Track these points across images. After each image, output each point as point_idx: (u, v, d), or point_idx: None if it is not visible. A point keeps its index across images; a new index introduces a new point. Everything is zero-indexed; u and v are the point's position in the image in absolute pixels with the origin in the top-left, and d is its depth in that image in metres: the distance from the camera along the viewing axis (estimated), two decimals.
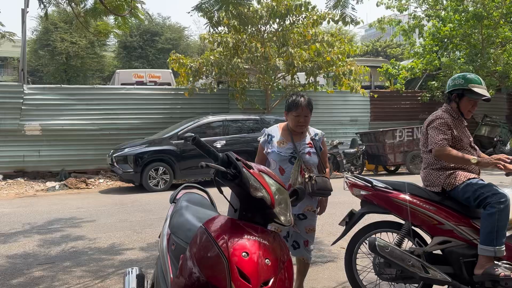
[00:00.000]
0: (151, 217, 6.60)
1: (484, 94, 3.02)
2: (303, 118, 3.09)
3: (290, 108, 3.13)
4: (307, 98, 3.14)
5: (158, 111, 12.08)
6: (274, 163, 3.10)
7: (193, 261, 1.64)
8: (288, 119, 3.18)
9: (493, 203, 2.75)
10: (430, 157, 3.13)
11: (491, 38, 13.84)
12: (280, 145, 3.12)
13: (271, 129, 3.27)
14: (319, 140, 3.23)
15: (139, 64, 25.69)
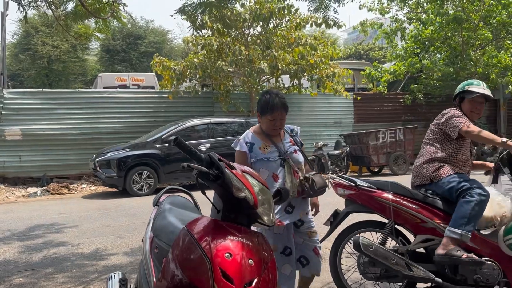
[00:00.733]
0: (135, 221, 6.52)
1: (478, 91, 3.10)
2: (279, 121, 2.81)
3: (264, 111, 2.80)
4: (281, 97, 2.82)
5: (142, 115, 11.97)
6: (264, 171, 2.79)
7: (176, 263, 1.62)
8: (261, 122, 2.87)
9: (474, 193, 2.83)
10: (426, 150, 3.20)
11: (470, 40, 14.10)
12: (264, 150, 2.83)
13: (246, 136, 2.91)
14: (297, 135, 3.02)
15: (122, 68, 25.45)
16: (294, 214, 2.83)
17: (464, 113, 3.16)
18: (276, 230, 2.78)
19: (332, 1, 4.76)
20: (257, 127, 2.97)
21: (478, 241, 2.91)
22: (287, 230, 2.82)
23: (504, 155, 3.10)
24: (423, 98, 14.79)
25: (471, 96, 3.13)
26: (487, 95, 3.13)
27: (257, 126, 2.97)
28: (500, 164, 3.11)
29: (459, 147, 3.12)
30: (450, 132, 3.08)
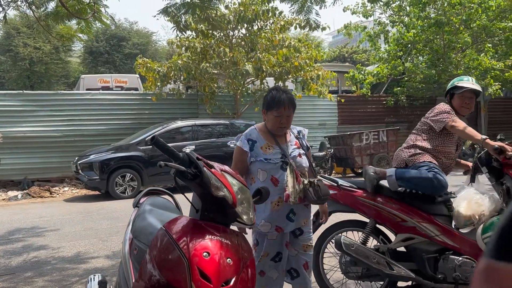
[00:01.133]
0: (117, 224, 6.45)
1: (467, 86, 3.17)
2: (285, 118, 2.61)
3: (270, 107, 2.62)
4: (289, 94, 2.67)
5: (125, 117, 11.86)
6: (263, 173, 2.60)
7: (153, 264, 1.61)
8: (266, 119, 2.69)
9: (437, 174, 2.96)
10: (410, 138, 3.31)
11: (452, 43, 14.34)
12: (266, 150, 2.62)
13: (250, 133, 2.72)
14: (304, 138, 2.82)
15: (105, 70, 25.19)
16: (296, 222, 2.66)
17: (455, 108, 3.23)
18: (270, 237, 2.64)
19: (314, 4, 4.81)
20: (262, 124, 2.78)
21: (458, 240, 2.95)
22: (282, 237, 2.67)
23: (482, 154, 3.15)
24: (405, 100, 14.98)
25: (459, 91, 3.20)
26: (476, 89, 3.19)
27: (262, 124, 2.78)
28: (478, 164, 3.16)
29: (444, 141, 3.19)
30: (436, 126, 3.16)
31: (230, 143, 10.32)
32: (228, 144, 10.33)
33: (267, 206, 2.58)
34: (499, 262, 0.41)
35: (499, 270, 0.40)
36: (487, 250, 0.43)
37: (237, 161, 2.71)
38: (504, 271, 0.40)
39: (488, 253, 0.43)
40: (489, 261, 0.42)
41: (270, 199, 2.51)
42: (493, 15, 14.10)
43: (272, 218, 2.59)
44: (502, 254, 0.41)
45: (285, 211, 2.61)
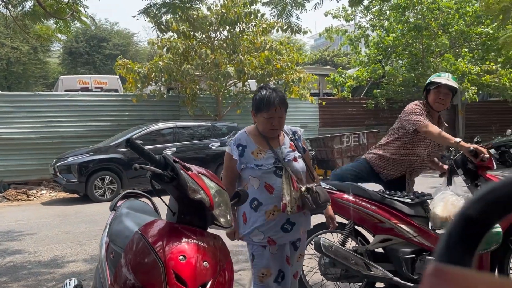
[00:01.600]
0: (96, 228, 6.35)
1: (440, 81, 3.23)
2: (277, 120, 2.38)
3: (259, 108, 2.39)
4: (280, 92, 2.42)
5: (105, 118, 11.69)
6: (256, 180, 2.38)
7: (128, 268, 1.59)
8: (257, 121, 2.46)
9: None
10: (384, 139, 3.45)
11: (430, 47, 14.62)
12: (258, 156, 2.41)
13: (239, 137, 2.49)
14: (300, 139, 2.61)
15: (85, 71, 24.81)
16: (293, 233, 2.43)
17: (430, 104, 3.29)
18: (273, 251, 2.40)
19: (294, 8, 4.84)
20: (253, 127, 2.54)
21: (434, 241, 3.00)
22: (282, 251, 2.43)
23: (458, 157, 3.21)
24: (385, 103, 15.19)
25: (434, 86, 3.26)
26: (450, 86, 3.24)
27: (253, 126, 2.55)
28: (454, 166, 3.22)
29: (415, 140, 3.28)
30: (408, 127, 3.24)
31: (212, 145, 10.30)
32: (210, 146, 10.29)
33: (261, 215, 2.39)
34: (447, 265, 0.42)
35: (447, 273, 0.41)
36: (436, 254, 0.44)
37: (226, 168, 2.52)
38: (452, 274, 0.41)
39: (437, 257, 0.43)
40: (438, 265, 0.42)
41: (264, 208, 2.38)
42: (470, 20, 14.44)
43: (266, 228, 2.38)
44: (450, 257, 0.42)
45: (281, 221, 2.40)
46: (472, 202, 0.44)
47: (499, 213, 0.43)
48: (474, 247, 0.44)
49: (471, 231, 0.44)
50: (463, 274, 0.42)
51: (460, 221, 0.44)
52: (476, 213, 0.44)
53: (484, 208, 0.43)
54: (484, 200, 0.43)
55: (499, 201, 0.43)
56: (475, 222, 0.44)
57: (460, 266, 0.43)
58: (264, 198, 2.38)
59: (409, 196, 3.09)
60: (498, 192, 0.42)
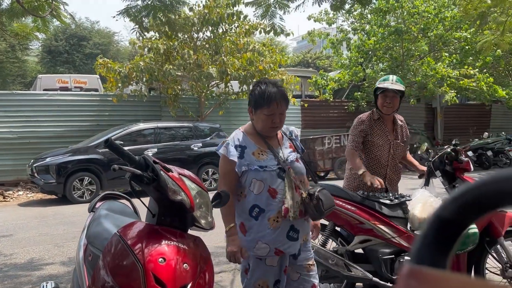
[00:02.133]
0: (74, 229, 6.23)
1: (387, 86, 3.24)
2: (278, 116, 2.20)
3: (258, 104, 2.19)
4: (280, 86, 2.24)
5: (84, 118, 11.50)
6: (259, 184, 2.17)
7: (106, 270, 1.56)
8: (255, 119, 2.25)
9: None
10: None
11: (410, 51, 14.86)
12: (260, 156, 2.21)
13: (236, 137, 2.29)
14: (298, 139, 2.45)
15: (64, 70, 24.41)
16: (300, 240, 2.27)
17: (379, 108, 3.33)
18: (269, 262, 2.23)
19: (278, 9, 4.85)
20: (249, 126, 2.34)
21: (412, 241, 3.04)
22: (282, 261, 2.26)
23: (436, 159, 3.28)
24: (366, 106, 15.36)
25: (379, 92, 3.31)
26: (395, 89, 3.24)
27: (248, 124, 2.35)
28: (432, 168, 3.28)
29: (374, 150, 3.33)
30: None
31: (194, 146, 10.24)
32: (192, 147, 10.24)
33: (263, 223, 2.18)
34: (422, 266, 0.42)
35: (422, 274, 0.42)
36: (411, 255, 0.44)
37: (225, 172, 2.26)
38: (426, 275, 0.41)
39: (412, 258, 0.44)
40: (413, 266, 0.43)
41: (267, 215, 2.17)
42: (449, 25, 14.73)
43: (270, 238, 2.17)
44: (425, 258, 0.43)
45: (285, 229, 2.20)
46: (446, 203, 0.45)
47: (473, 214, 0.44)
48: (449, 248, 0.44)
49: (446, 232, 0.45)
50: (437, 275, 0.42)
51: (435, 222, 0.45)
52: (451, 214, 0.44)
53: (458, 210, 0.43)
54: (458, 202, 0.44)
55: (473, 203, 0.43)
56: (449, 223, 0.44)
57: (435, 268, 0.43)
58: (267, 204, 2.17)
59: (388, 197, 3.13)
60: (472, 194, 0.43)
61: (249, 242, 2.21)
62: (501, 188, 0.41)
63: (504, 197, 0.40)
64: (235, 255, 2.16)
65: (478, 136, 15.50)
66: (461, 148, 3.25)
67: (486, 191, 0.41)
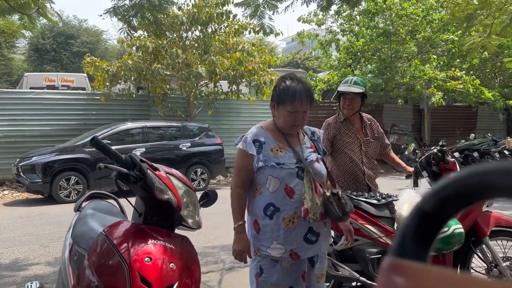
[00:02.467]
0: (60, 229, 6.16)
1: (343, 90, 3.29)
2: (301, 115, 2.11)
3: (282, 100, 2.10)
4: (306, 83, 2.15)
5: (71, 117, 11.36)
6: (275, 181, 2.07)
7: (92, 270, 1.55)
8: (277, 115, 2.17)
9: None
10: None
11: (398, 53, 14.99)
12: (278, 153, 2.11)
13: (255, 132, 2.18)
14: (320, 140, 2.34)
15: (51, 68, 24.15)
16: (319, 245, 2.13)
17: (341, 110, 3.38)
18: (285, 265, 2.10)
19: (267, 9, 4.86)
20: (269, 122, 2.26)
21: None
22: (298, 266, 2.12)
23: (423, 159, 3.30)
24: None
25: (339, 94, 3.37)
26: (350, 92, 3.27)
27: (269, 121, 2.27)
28: (419, 168, 3.30)
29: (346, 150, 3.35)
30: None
31: (182, 146, 10.20)
32: (180, 147, 10.19)
33: (278, 222, 2.07)
34: (402, 259, 0.43)
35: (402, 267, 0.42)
36: (392, 248, 0.45)
37: (240, 167, 2.16)
38: (406, 268, 0.42)
39: (392, 252, 0.44)
40: (393, 259, 0.43)
41: (282, 214, 2.06)
42: (437, 27, 14.89)
43: (286, 239, 2.06)
44: (405, 252, 0.43)
45: (303, 230, 2.08)
46: (426, 197, 0.45)
47: (453, 208, 0.44)
48: (429, 242, 0.45)
49: (426, 226, 0.45)
50: (417, 268, 0.43)
51: (415, 216, 0.45)
52: (431, 208, 0.45)
53: (438, 204, 0.44)
54: (438, 196, 0.44)
55: (453, 196, 0.43)
56: (430, 217, 0.45)
57: (415, 261, 0.44)
58: (283, 203, 2.07)
59: (375, 197, 3.15)
60: (451, 188, 0.43)
61: (263, 241, 2.10)
62: (480, 182, 0.41)
63: (483, 190, 0.41)
64: (242, 254, 2.10)
65: (465, 137, 15.70)
66: (448, 149, 3.29)
67: (466, 185, 0.42)
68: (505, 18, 6.11)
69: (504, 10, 6.15)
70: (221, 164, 11.07)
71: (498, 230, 3.17)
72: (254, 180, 2.15)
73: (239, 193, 2.16)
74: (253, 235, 2.15)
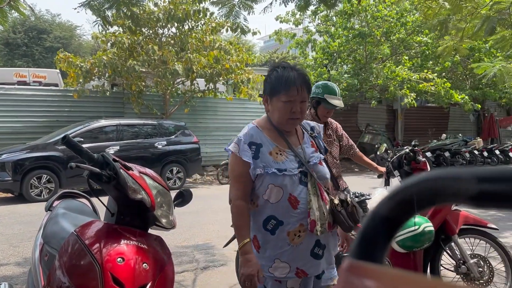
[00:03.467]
0: (31, 229, 6.01)
1: (337, 105, 3.26)
2: (298, 105, 1.81)
3: (275, 90, 1.83)
4: (301, 70, 1.88)
5: (43, 114, 11.08)
6: (277, 191, 1.79)
7: (63, 270, 1.52)
8: (271, 109, 1.88)
9: None
10: None
11: (373, 54, 15.24)
12: (277, 157, 1.83)
13: (250, 133, 1.88)
14: (320, 137, 2.05)
15: (23, 63, 23.49)
16: (326, 258, 1.88)
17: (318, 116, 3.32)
18: (291, 285, 1.85)
19: (242, 9, 4.86)
20: (263, 120, 1.95)
21: None
22: (306, 284, 1.88)
23: (395, 159, 3.38)
24: None
25: (329, 107, 3.30)
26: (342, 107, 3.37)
27: (263, 118, 1.96)
28: (391, 168, 3.37)
29: None
30: None
31: (158, 144, 10.10)
32: (156, 145, 10.09)
33: (281, 238, 1.80)
34: (360, 261, 0.45)
35: (359, 268, 0.44)
36: (351, 250, 0.47)
37: (237, 176, 1.85)
38: (363, 269, 0.44)
39: (351, 253, 0.46)
40: (352, 261, 0.45)
41: (286, 228, 1.79)
42: (411, 29, 15.21)
43: (291, 256, 1.80)
44: (362, 254, 0.45)
45: (309, 245, 1.82)
46: (383, 201, 0.47)
47: (408, 211, 0.47)
48: (385, 244, 0.47)
49: (382, 229, 0.47)
50: (374, 269, 0.45)
51: (373, 219, 0.47)
52: (387, 211, 0.47)
53: (393, 208, 0.46)
54: (393, 200, 0.46)
55: (408, 200, 0.45)
56: (385, 221, 0.47)
57: (372, 262, 0.46)
58: (287, 215, 1.79)
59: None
60: (406, 192, 0.45)
61: (264, 260, 1.83)
62: (433, 187, 0.43)
63: (435, 196, 0.43)
64: (251, 279, 1.73)
65: (437, 137, 16.12)
66: (419, 149, 3.37)
67: (419, 190, 0.44)
68: (477, 22, 6.28)
69: (475, 15, 6.33)
70: (198, 163, 11.01)
71: (466, 228, 3.27)
72: (253, 191, 1.85)
73: (241, 206, 1.82)
74: None
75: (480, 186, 0.40)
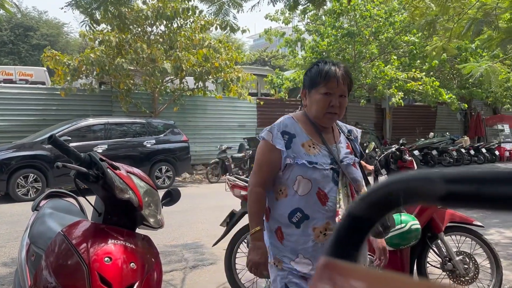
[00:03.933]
0: (17, 229, 5.95)
1: None
2: (337, 99, 1.77)
3: (315, 82, 1.78)
4: (344, 66, 1.82)
5: (30, 113, 10.97)
6: (306, 183, 1.73)
7: (49, 271, 1.51)
8: (309, 102, 1.83)
9: None
10: None
11: (362, 53, 15.32)
12: (310, 150, 1.78)
13: (285, 123, 1.84)
14: (357, 140, 2.00)
15: (9, 61, 23.19)
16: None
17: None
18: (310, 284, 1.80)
19: (232, 7, 4.86)
20: (301, 113, 1.91)
21: None
22: None
23: (382, 158, 3.41)
24: None
25: None
26: None
27: (301, 113, 1.92)
28: (379, 166, 3.41)
29: None
30: None
31: (146, 143, 10.04)
32: (145, 144, 10.04)
33: (306, 233, 1.73)
34: (335, 259, 0.47)
35: (334, 266, 0.46)
36: (326, 248, 0.49)
37: (263, 162, 1.82)
38: (338, 266, 0.46)
39: (327, 251, 0.48)
40: (327, 259, 0.47)
41: (312, 223, 1.73)
42: (399, 28, 15.33)
43: (314, 253, 1.72)
44: (338, 252, 0.47)
45: None
46: (357, 202, 0.49)
47: (380, 211, 0.49)
48: (359, 242, 0.49)
49: (356, 229, 0.49)
50: (348, 267, 0.47)
51: (347, 219, 0.49)
52: (361, 211, 0.49)
53: (366, 208, 0.48)
54: (367, 200, 0.48)
55: (380, 201, 0.47)
56: (359, 220, 0.49)
57: (347, 260, 0.48)
58: (314, 210, 1.73)
59: None
60: (379, 193, 0.47)
61: (287, 252, 1.76)
62: (404, 187, 0.45)
63: (406, 196, 0.45)
64: (258, 267, 1.76)
65: (424, 136, 16.28)
66: (407, 147, 3.42)
67: (391, 191, 0.46)
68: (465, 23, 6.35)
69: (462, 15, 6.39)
70: (187, 162, 10.98)
71: (452, 226, 3.31)
72: (279, 180, 1.80)
73: (259, 193, 1.80)
74: (273, 244, 1.81)
75: (448, 186, 0.41)
